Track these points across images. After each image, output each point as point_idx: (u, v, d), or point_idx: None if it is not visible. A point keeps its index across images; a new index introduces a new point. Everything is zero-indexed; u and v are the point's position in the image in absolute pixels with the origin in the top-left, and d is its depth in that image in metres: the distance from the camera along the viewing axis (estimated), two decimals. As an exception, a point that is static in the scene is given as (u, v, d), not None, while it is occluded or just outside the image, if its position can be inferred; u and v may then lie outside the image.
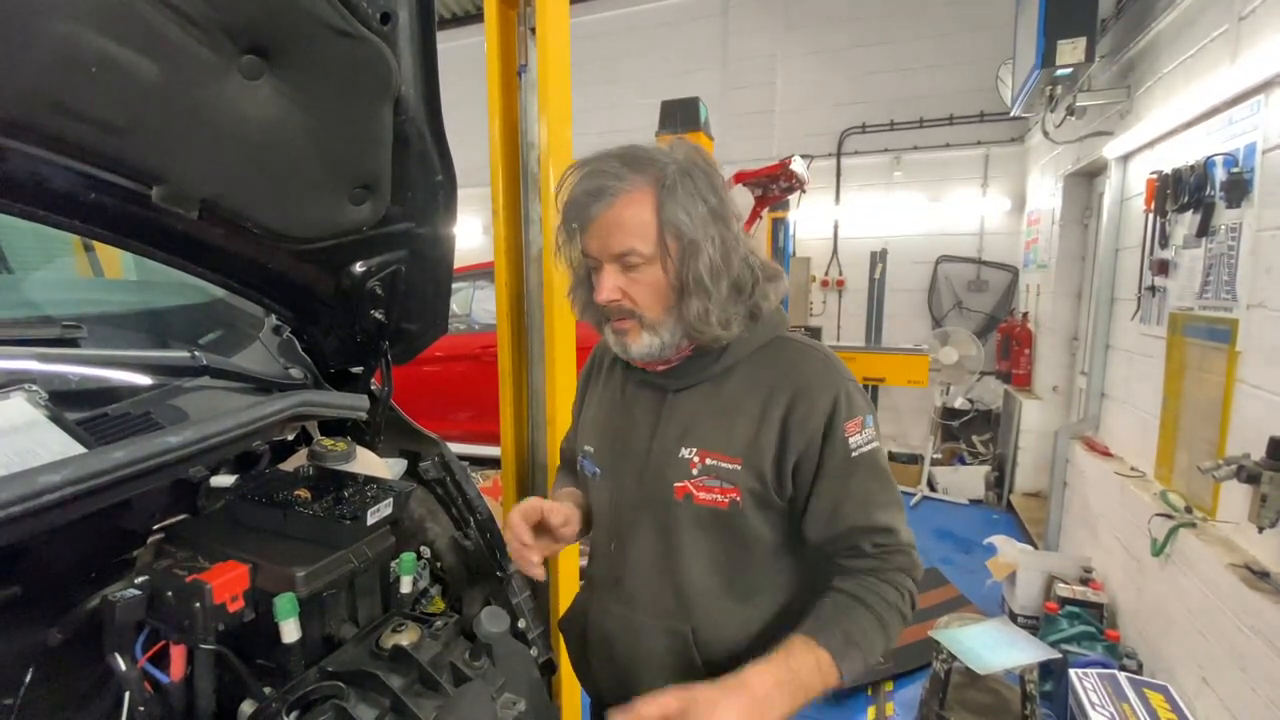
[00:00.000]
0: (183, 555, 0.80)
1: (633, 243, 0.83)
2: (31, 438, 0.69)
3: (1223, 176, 2.17)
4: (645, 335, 0.88)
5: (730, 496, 0.88)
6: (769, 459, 0.87)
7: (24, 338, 0.83)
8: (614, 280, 0.86)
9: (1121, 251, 3.16)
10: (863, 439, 0.87)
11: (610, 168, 0.83)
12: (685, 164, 0.85)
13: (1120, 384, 3.15)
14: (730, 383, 0.91)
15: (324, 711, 0.66)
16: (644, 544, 0.95)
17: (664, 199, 0.82)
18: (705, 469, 0.89)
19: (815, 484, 0.87)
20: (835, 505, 0.87)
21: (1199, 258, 2.33)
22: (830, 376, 0.88)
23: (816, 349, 0.93)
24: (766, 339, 0.92)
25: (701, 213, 0.83)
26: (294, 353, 1.18)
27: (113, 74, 0.65)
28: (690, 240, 0.83)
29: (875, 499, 0.87)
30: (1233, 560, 1.93)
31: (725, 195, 0.87)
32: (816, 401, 0.86)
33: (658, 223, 0.83)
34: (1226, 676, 1.92)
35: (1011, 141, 5.08)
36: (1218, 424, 2.15)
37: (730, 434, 0.88)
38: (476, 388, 4.06)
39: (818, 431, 0.86)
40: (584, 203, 0.84)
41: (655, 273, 0.85)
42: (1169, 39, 2.66)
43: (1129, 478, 2.76)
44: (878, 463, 0.88)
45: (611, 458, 0.99)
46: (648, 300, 0.87)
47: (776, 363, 0.91)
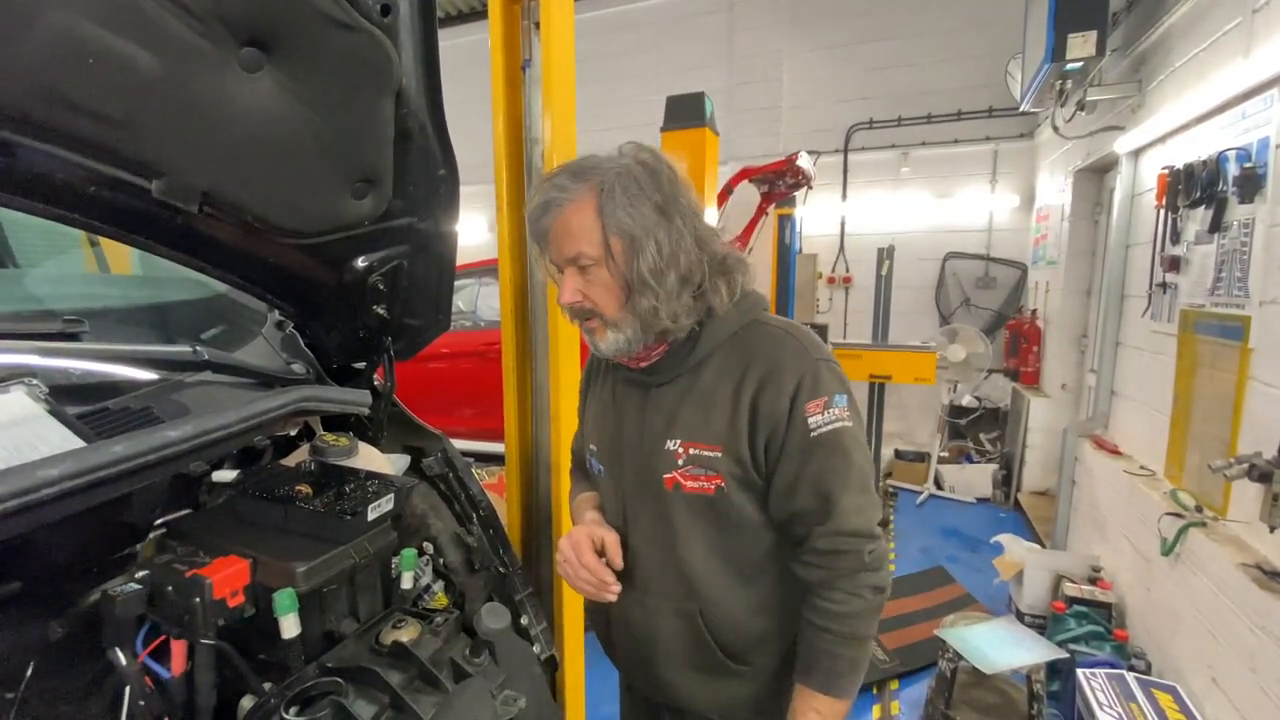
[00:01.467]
0: (184, 550, 0.80)
1: (580, 246, 0.88)
2: (31, 431, 0.69)
3: (1235, 171, 2.14)
4: (610, 332, 0.93)
5: (715, 483, 0.92)
6: (744, 442, 0.91)
7: (25, 331, 0.83)
8: (573, 283, 0.91)
9: (1132, 248, 3.12)
10: (825, 419, 0.89)
11: (558, 181, 0.90)
12: (629, 166, 0.89)
13: (1130, 382, 3.11)
14: (707, 372, 0.95)
15: (322, 708, 0.65)
16: (647, 533, 1.00)
17: (604, 202, 0.87)
18: (690, 459, 0.93)
19: (778, 464, 0.91)
20: (790, 485, 0.90)
21: (1211, 254, 2.30)
22: (799, 358, 0.91)
23: (790, 331, 0.95)
24: (741, 324, 0.95)
25: (644, 211, 0.87)
26: (297, 348, 1.18)
27: (111, 66, 0.65)
28: (631, 239, 0.87)
29: (832, 479, 0.89)
30: (1244, 560, 1.91)
31: (675, 191, 0.90)
32: (783, 383, 0.89)
33: (600, 225, 0.88)
34: (1236, 677, 1.90)
35: (1021, 137, 5.03)
36: (1229, 422, 2.13)
37: (709, 422, 0.92)
38: (482, 384, 4.06)
39: (783, 413, 0.89)
40: (536, 216, 0.91)
41: (605, 273, 0.90)
42: (1181, 32, 2.62)
43: (1138, 476, 2.73)
44: (839, 442, 0.89)
45: (612, 454, 1.05)
46: (603, 299, 0.91)
47: (749, 347, 0.94)
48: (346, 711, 0.65)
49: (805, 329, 0.97)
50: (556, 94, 1.83)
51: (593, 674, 1.92)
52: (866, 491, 0.92)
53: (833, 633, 0.89)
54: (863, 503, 0.90)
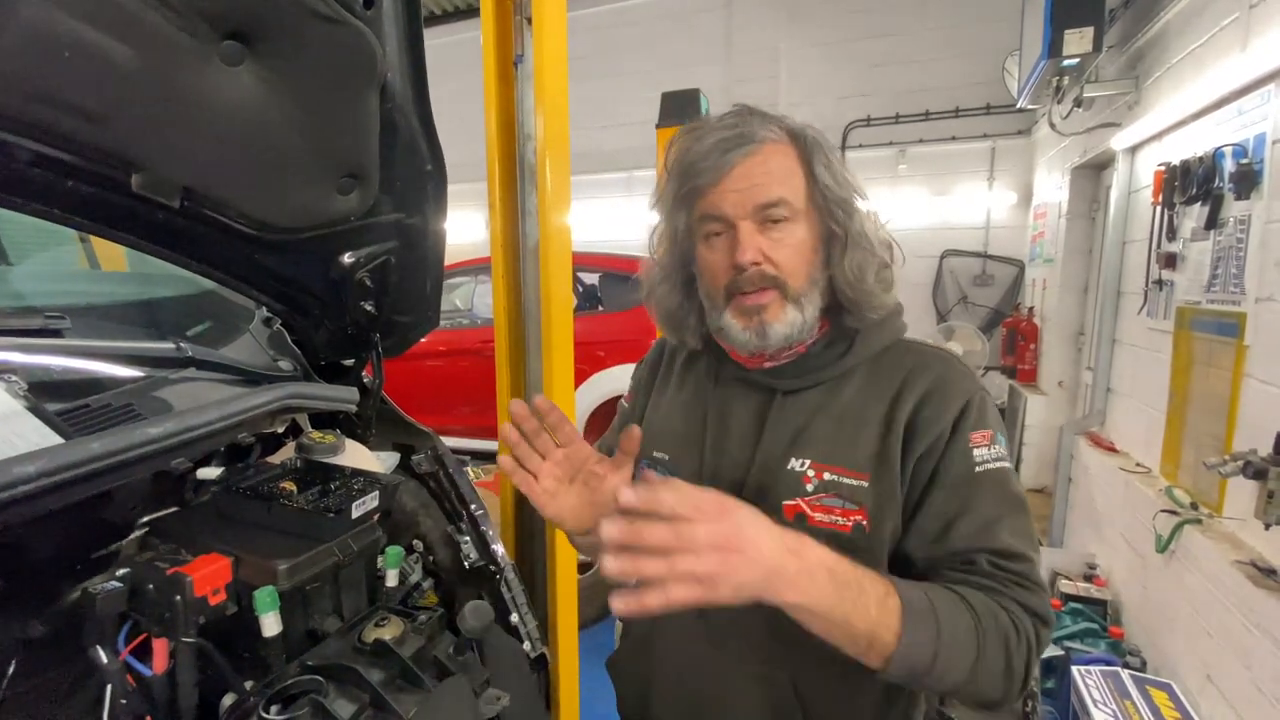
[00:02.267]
0: (166, 548, 0.79)
1: (782, 192, 0.73)
2: (9, 428, 0.68)
3: (1231, 168, 2.13)
4: (789, 310, 0.76)
5: (854, 519, 0.74)
6: (896, 466, 0.74)
7: (6, 328, 0.82)
8: (755, 240, 0.74)
9: (1128, 245, 3.12)
10: (990, 454, 0.73)
11: (739, 121, 0.75)
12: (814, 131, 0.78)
13: (1126, 379, 3.11)
14: (850, 386, 0.80)
15: (302, 706, 0.65)
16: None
17: (811, 153, 0.75)
18: (823, 485, 0.75)
19: (928, 493, 0.73)
20: (949, 522, 0.72)
21: (1207, 250, 2.30)
22: (965, 381, 0.78)
23: (948, 353, 0.83)
24: (889, 341, 0.82)
25: (845, 177, 0.76)
26: (284, 345, 1.18)
27: (87, 59, 0.64)
28: (840, 200, 0.75)
29: (1001, 522, 0.71)
30: (1239, 557, 1.91)
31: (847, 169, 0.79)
32: (946, 402, 0.75)
33: (805, 175, 0.75)
34: (1231, 674, 1.90)
35: (1018, 134, 5.03)
36: (1225, 419, 2.12)
37: (853, 444, 0.76)
38: (479, 382, 4.05)
39: (944, 433, 0.74)
40: (719, 151, 0.73)
41: (801, 232, 0.75)
42: (1178, 28, 2.62)
43: (1134, 474, 2.73)
44: (1009, 485, 0.74)
45: (698, 464, 0.85)
46: (793, 264, 0.75)
47: (903, 365, 0.79)
48: (326, 710, 0.65)
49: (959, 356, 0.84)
50: (549, 90, 1.82)
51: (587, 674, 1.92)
52: (1035, 547, 0.74)
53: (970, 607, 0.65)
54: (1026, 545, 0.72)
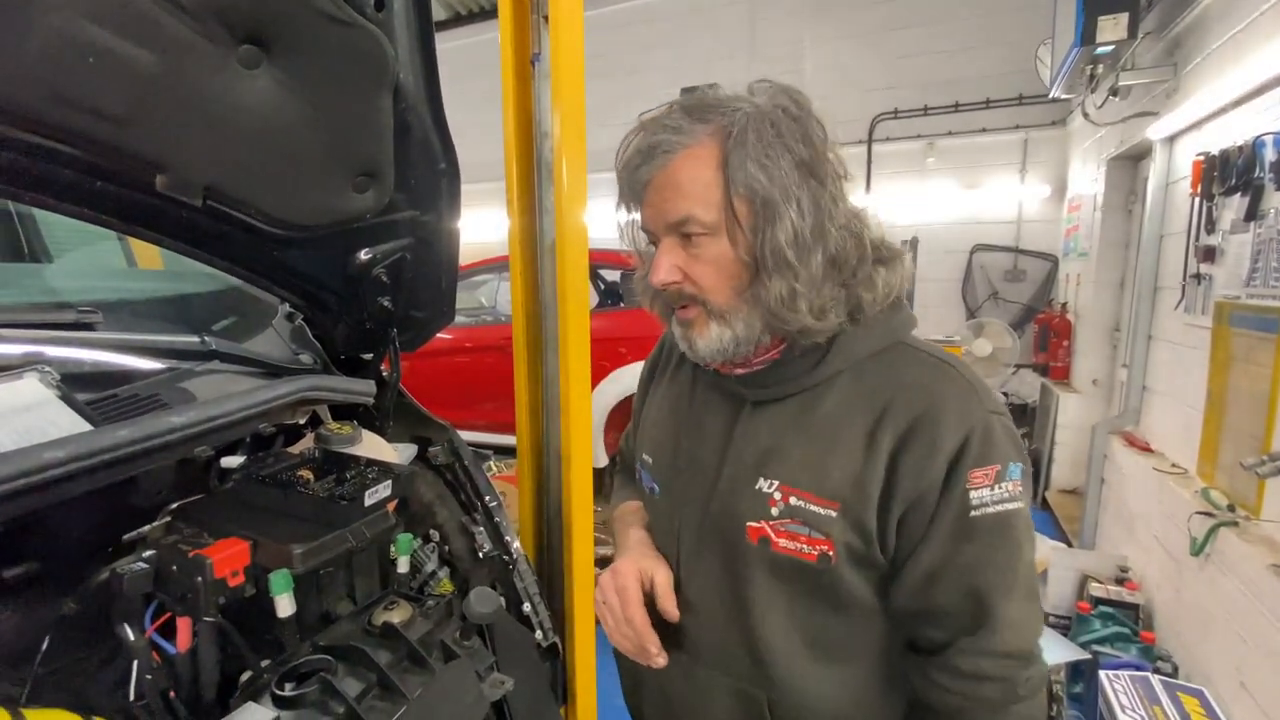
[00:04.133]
0: (189, 532, 0.83)
1: (690, 207, 0.67)
2: (41, 416, 0.72)
3: (1273, 157, 2.05)
4: (714, 326, 0.70)
5: (820, 549, 0.69)
6: (872, 508, 0.67)
7: (42, 321, 0.87)
8: (671, 258, 0.69)
9: (1166, 238, 3.02)
10: (992, 495, 0.65)
11: (670, 120, 0.68)
12: (764, 110, 0.66)
13: (1163, 377, 3.02)
14: (829, 398, 0.71)
15: (311, 684, 0.68)
16: (710, 586, 0.78)
17: (731, 151, 0.65)
18: (789, 510, 0.70)
19: (918, 546, 0.67)
20: (932, 575, 0.67)
21: (1247, 243, 2.21)
22: (966, 405, 0.67)
23: (952, 365, 0.70)
24: (883, 344, 0.72)
25: (783, 167, 0.65)
26: (305, 339, 1.21)
27: (110, 64, 0.67)
28: (765, 202, 0.65)
29: (991, 578, 0.65)
30: (1276, 560, 1.84)
31: (824, 150, 0.68)
32: (941, 437, 0.65)
33: (722, 182, 0.66)
34: (1266, 681, 1.83)
35: (1052, 125, 4.89)
36: (1264, 418, 2.05)
37: (824, 467, 0.69)
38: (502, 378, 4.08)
39: (936, 480, 0.65)
40: (633, 164, 0.69)
41: (721, 246, 0.68)
42: (1218, 13, 2.52)
43: (1169, 474, 2.65)
44: (1008, 530, 0.66)
45: (673, 475, 0.83)
46: (713, 281, 0.69)
47: (894, 377, 0.70)
48: (334, 688, 0.67)
49: (965, 363, 0.72)
50: (566, 87, 1.83)
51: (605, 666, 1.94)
52: (1032, 598, 0.68)
53: None
54: (1027, 614, 0.67)
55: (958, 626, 0.67)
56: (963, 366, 0.71)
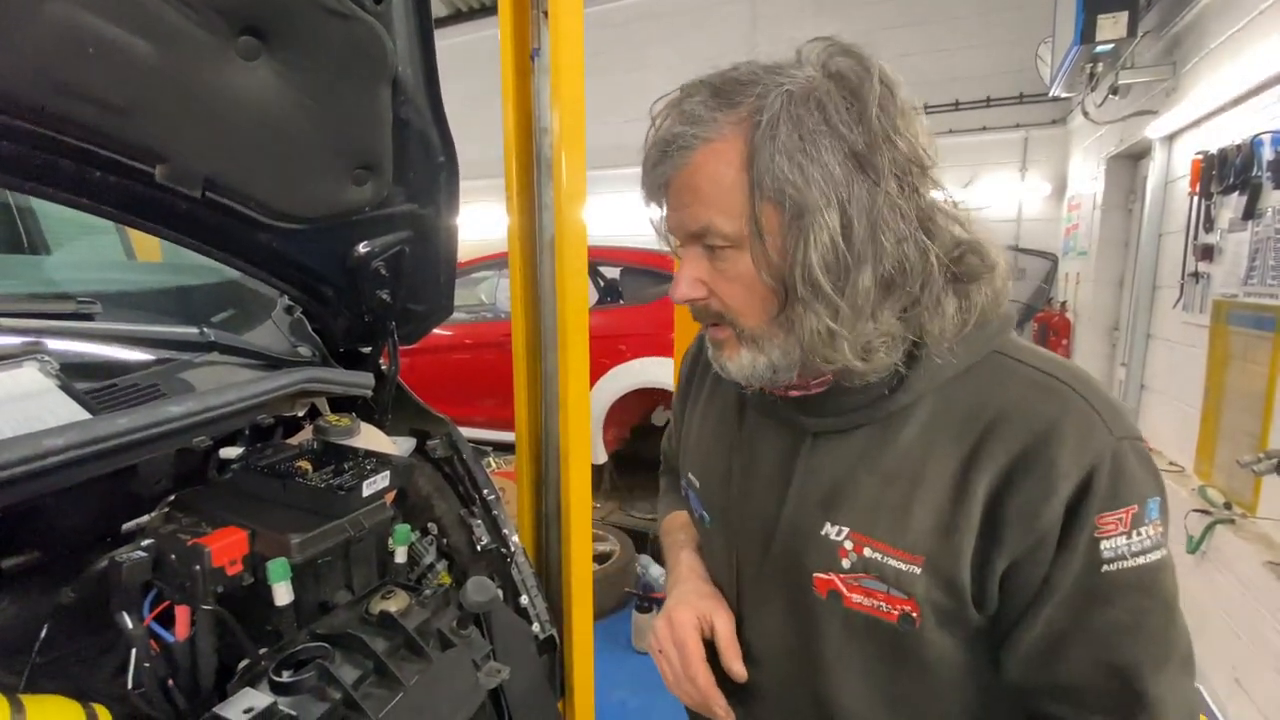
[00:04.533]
0: (188, 521, 0.83)
1: (709, 216, 0.55)
2: (41, 404, 0.73)
3: (1270, 155, 2.06)
4: (744, 352, 0.59)
5: (902, 609, 0.58)
6: (966, 560, 0.55)
7: (41, 311, 0.87)
8: (693, 271, 0.59)
9: (1165, 236, 3.03)
10: (1131, 545, 0.52)
11: (691, 105, 0.55)
12: (811, 83, 0.53)
13: (1161, 375, 3.03)
14: (909, 427, 0.59)
15: (308, 670, 0.68)
16: (775, 636, 0.67)
17: (758, 147, 0.52)
18: (862, 563, 0.59)
19: (1032, 606, 0.55)
20: (1056, 644, 0.54)
21: (1244, 242, 2.22)
22: (1089, 431, 0.53)
23: (1064, 380, 0.56)
24: (972, 360, 0.58)
25: (825, 162, 0.51)
26: (304, 332, 1.22)
27: (111, 55, 0.67)
28: (798, 210, 0.52)
29: (1137, 648, 0.52)
30: (1272, 558, 1.85)
31: (891, 126, 0.52)
32: (1056, 473, 0.52)
33: (746, 184, 0.53)
34: (1260, 677, 1.84)
35: (1052, 124, 4.90)
36: (1260, 417, 2.06)
37: (906, 514, 0.57)
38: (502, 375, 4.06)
39: (1052, 525, 0.52)
40: (654, 159, 0.58)
41: (745, 262, 0.56)
42: (1216, 12, 2.53)
43: (1167, 472, 2.66)
44: (1154, 586, 0.52)
45: (725, 504, 0.71)
46: (741, 302, 0.58)
47: (989, 400, 0.56)
48: (331, 675, 0.68)
49: (1088, 375, 0.58)
50: (565, 83, 1.84)
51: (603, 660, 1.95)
52: (1188, 671, 0.55)
53: None
54: (1183, 692, 0.54)
55: (1096, 707, 0.54)
56: (1080, 380, 0.56)
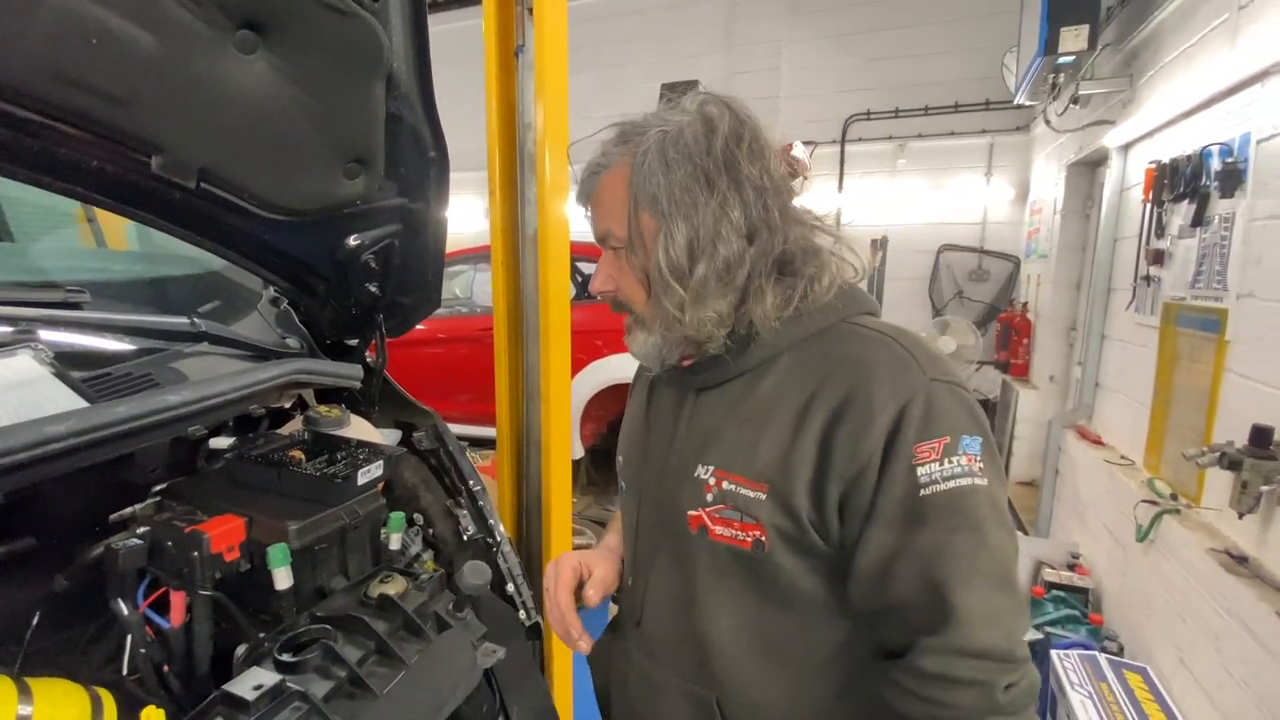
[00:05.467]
0: (182, 509, 0.84)
1: (608, 223, 0.73)
2: (37, 392, 0.73)
3: (1218, 166, 2.18)
4: (639, 333, 0.75)
5: (753, 534, 0.66)
6: (803, 487, 0.64)
7: (29, 300, 0.87)
8: (605, 268, 0.76)
9: (1120, 241, 3.17)
10: (945, 470, 0.59)
11: (605, 145, 0.74)
12: (682, 123, 0.68)
13: (1114, 374, 3.17)
14: (767, 380, 0.70)
15: (313, 650, 0.70)
16: (662, 583, 0.77)
17: (635, 169, 0.68)
18: (721, 495, 0.68)
19: (863, 531, 0.62)
20: (885, 565, 0.61)
21: (1193, 247, 2.35)
22: (902, 374, 0.63)
23: (892, 336, 0.67)
24: (823, 325, 0.70)
25: (679, 179, 0.65)
26: (291, 323, 1.22)
27: (112, 45, 0.68)
28: (655, 216, 0.68)
29: (950, 565, 0.59)
30: (1213, 545, 1.97)
31: (735, 155, 0.67)
32: (875, 409, 0.61)
33: (629, 198, 0.69)
34: (1203, 658, 1.96)
35: (1017, 130, 5.05)
36: (1205, 413, 2.18)
37: (754, 450, 0.67)
38: (477, 369, 4.05)
39: (872, 454, 0.61)
40: (581, 186, 0.77)
41: (635, 259, 0.72)
42: (1171, 27, 2.66)
43: (1118, 466, 2.79)
44: (967, 508, 0.59)
45: (636, 471, 0.83)
46: (632, 291, 0.74)
47: (829, 355, 0.67)
48: (335, 653, 0.70)
49: (916, 334, 0.69)
50: (550, 80, 1.86)
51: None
52: (1005, 589, 0.60)
53: None
54: (1000, 606, 0.59)
55: (918, 623, 0.60)
56: (904, 336, 0.67)
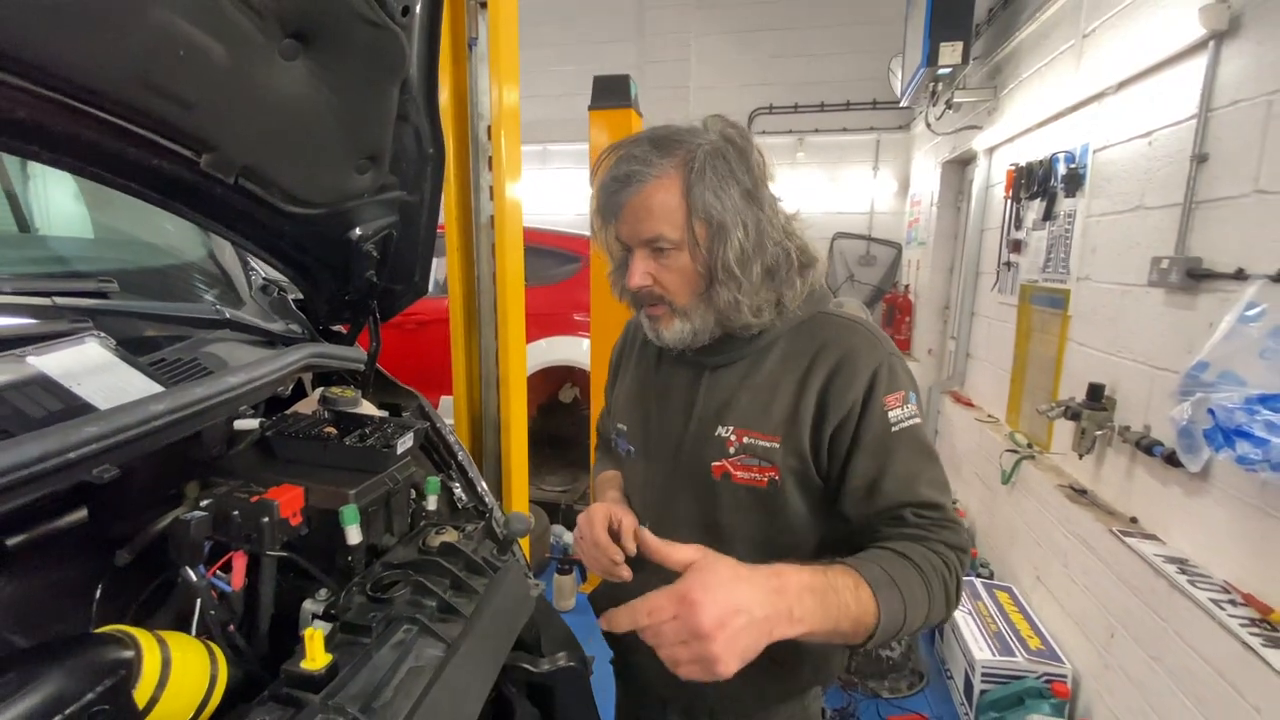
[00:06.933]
0: (234, 484, 0.91)
1: (660, 229, 0.83)
2: (117, 377, 0.78)
3: (1063, 170, 2.60)
4: (677, 321, 0.89)
5: (769, 475, 0.87)
6: (807, 435, 0.86)
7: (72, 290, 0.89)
8: (644, 266, 0.86)
9: (985, 231, 3.65)
10: (904, 414, 0.84)
11: (639, 152, 0.84)
12: (717, 144, 0.83)
13: (982, 345, 3.67)
14: (769, 359, 0.91)
15: (403, 588, 0.81)
16: (683, 522, 0.95)
17: (692, 183, 0.81)
18: (742, 448, 0.88)
19: (851, 458, 0.85)
20: (873, 482, 0.84)
21: (1043, 238, 2.80)
22: (872, 349, 0.87)
23: (859, 323, 0.92)
24: (808, 314, 0.92)
25: (733, 195, 0.82)
26: (287, 310, 1.26)
27: (194, 56, 0.74)
28: (719, 225, 0.82)
29: (919, 476, 0.84)
30: (1060, 482, 2.41)
31: (762, 174, 0.86)
32: (856, 372, 0.85)
33: (685, 208, 0.82)
34: (1054, 573, 2.41)
35: (900, 129, 5.58)
36: (1053, 375, 2.64)
37: (768, 411, 0.88)
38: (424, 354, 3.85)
39: (856, 403, 0.84)
40: (613, 189, 0.85)
41: (684, 259, 0.85)
42: (1029, 48, 3.09)
43: (986, 423, 3.28)
44: (920, 439, 0.86)
45: (645, 436, 1.00)
46: (677, 286, 0.87)
47: (816, 337, 0.90)
48: (424, 586, 0.82)
49: (873, 322, 0.94)
50: (503, 72, 1.95)
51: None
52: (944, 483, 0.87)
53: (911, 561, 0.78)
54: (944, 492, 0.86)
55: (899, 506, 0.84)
56: (867, 323, 0.93)
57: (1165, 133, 1.96)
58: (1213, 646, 1.48)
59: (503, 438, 2.14)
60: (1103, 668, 2.01)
